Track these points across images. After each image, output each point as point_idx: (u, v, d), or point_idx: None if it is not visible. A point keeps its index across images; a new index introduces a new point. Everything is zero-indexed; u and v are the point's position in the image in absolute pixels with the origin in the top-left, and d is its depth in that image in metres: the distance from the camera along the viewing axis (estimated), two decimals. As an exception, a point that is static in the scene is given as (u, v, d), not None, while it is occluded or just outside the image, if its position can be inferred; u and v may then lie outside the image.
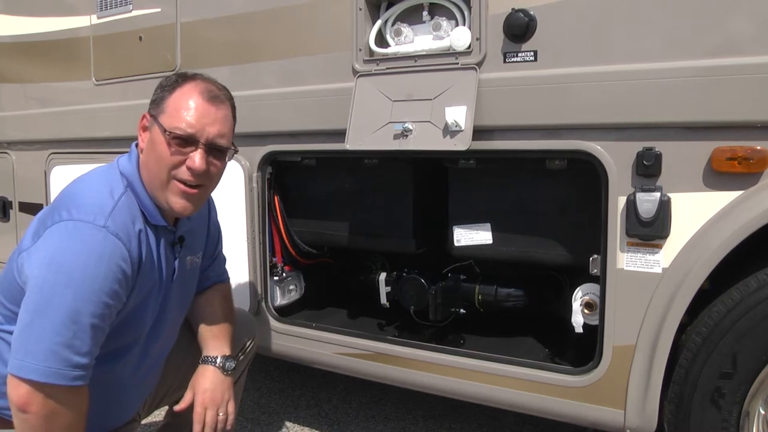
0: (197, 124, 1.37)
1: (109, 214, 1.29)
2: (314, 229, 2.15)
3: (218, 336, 1.64)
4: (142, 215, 1.39)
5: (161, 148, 1.36)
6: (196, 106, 1.38)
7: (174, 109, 1.37)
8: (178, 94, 1.39)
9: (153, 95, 1.44)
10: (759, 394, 1.43)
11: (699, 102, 1.40)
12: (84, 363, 1.24)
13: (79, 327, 1.22)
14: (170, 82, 1.42)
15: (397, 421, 2.37)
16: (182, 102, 1.38)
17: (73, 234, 1.26)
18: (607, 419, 1.58)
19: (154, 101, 1.42)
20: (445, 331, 2.00)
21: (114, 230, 1.28)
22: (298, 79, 1.97)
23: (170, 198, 1.40)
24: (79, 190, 1.36)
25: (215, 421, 1.54)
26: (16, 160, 2.96)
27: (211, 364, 1.58)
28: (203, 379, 1.57)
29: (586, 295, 1.67)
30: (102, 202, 1.31)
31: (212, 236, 1.72)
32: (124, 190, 1.37)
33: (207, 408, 1.53)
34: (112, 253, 1.26)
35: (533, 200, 1.78)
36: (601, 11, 1.50)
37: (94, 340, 1.25)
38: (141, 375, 1.52)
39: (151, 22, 2.32)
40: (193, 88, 1.40)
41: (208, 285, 1.73)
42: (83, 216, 1.27)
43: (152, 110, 1.41)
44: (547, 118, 1.57)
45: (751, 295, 1.40)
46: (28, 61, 2.85)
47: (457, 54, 1.68)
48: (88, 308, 1.22)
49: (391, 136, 1.74)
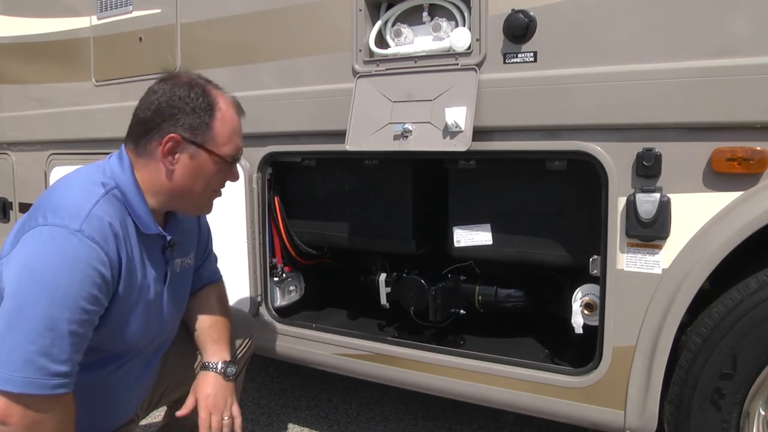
0: (240, 142, 1.47)
1: (85, 218, 1.25)
2: (314, 229, 2.16)
3: (217, 340, 1.64)
4: (131, 221, 1.37)
5: (212, 174, 1.42)
6: (239, 127, 1.46)
7: (225, 136, 1.41)
8: (222, 119, 1.41)
9: (172, 111, 1.36)
10: (759, 394, 1.43)
11: (699, 103, 1.40)
12: (64, 371, 1.20)
13: (56, 334, 1.18)
14: (202, 104, 1.38)
15: (397, 422, 2.37)
16: (229, 128, 1.42)
17: (47, 239, 1.22)
18: (607, 420, 1.58)
19: (191, 126, 1.36)
20: (445, 332, 2.00)
21: (89, 234, 1.24)
22: (298, 80, 1.97)
23: (204, 209, 1.53)
24: (56, 194, 1.33)
25: (221, 425, 1.54)
26: (17, 161, 2.96)
27: (212, 371, 1.58)
28: (205, 385, 1.57)
29: (586, 295, 1.67)
30: (78, 205, 1.27)
31: (203, 234, 1.72)
32: (105, 192, 1.33)
33: (211, 413, 1.53)
34: (87, 257, 1.22)
35: (533, 201, 1.78)
36: (601, 12, 1.50)
37: (73, 347, 1.21)
38: (138, 377, 1.51)
39: (151, 22, 2.32)
40: (226, 106, 1.43)
41: (201, 285, 1.73)
42: (58, 220, 1.24)
43: (189, 135, 1.37)
44: (547, 119, 1.57)
45: (751, 296, 1.39)
46: (28, 61, 2.85)
47: (457, 55, 1.68)
48: (64, 314, 1.18)
49: (391, 137, 1.74)
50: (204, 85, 1.42)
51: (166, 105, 1.37)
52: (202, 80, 1.43)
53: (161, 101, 1.37)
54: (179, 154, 1.38)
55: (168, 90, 1.38)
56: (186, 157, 1.39)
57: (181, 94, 1.37)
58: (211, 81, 1.47)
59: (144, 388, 1.59)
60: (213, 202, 1.53)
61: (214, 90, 1.43)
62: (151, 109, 1.38)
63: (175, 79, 1.41)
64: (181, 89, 1.38)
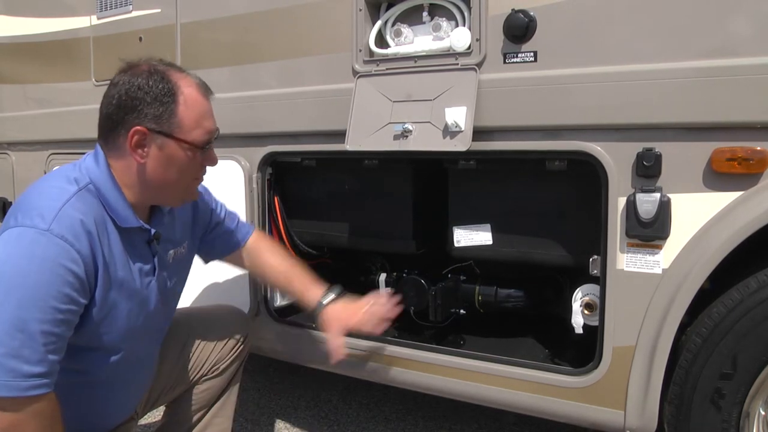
0: (211, 124, 1.42)
1: (54, 217, 1.23)
2: (314, 229, 2.15)
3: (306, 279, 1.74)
4: (109, 217, 1.35)
5: (186, 162, 1.38)
6: (205, 108, 1.40)
7: (192, 121, 1.36)
8: (186, 103, 1.35)
9: (133, 103, 1.33)
10: (759, 394, 1.43)
11: (699, 103, 1.40)
12: (38, 371, 1.17)
13: (26, 335, 1.16)
14: (163, 90, 1.34)
15: (397, 422, 2.37)
16: (195, 111, 1.37)
17: (15, 241, 1.21)
18: (607, 420, 1.58)
19: (155, 115, 1.33)
20: (445, 332, 2.00)
21: (59, 232, 1.22)
22: (298, 80, 1.97)
23: (187, 197, 1.49)
24: (29, 195, 1.32)
25: (380, 316, 1.67)
26: (16, 161, 2.96)
27: (333, 302, 1.69)
28: (345, 315, 1.66)
29: (586, 295, 1.67)
30: (48, 204, 1.26)
31: (200, 218, 1.69)
32: (78, 190, 1.31)
33: (368, 322, 1.66)
34: (56, 255, 1.21)
35: (533, 201, 1.78)
36: (601, 12, 1.50)
37: (47, 347, 1.18)
38: (134, 373, 1.51)
39: (151, 22, 2.32)
40: (190, 88, 1.37)
41: (243, 243, 1.77)
42: (27, 221, 1.23)
43: (154, 126, 1.33)
44: (547, 119, 1.57)
45: (751, 296, 1.39)
46: (28, 61, 2.85)
47: (457, 55, 1.68)
48: (34, 315, 1.16)
49: (391, 137, 1.74)
50: (164, 71, 1.36)
51: (126, 97, 1.33)
52: (163, 66, 1.38)
53: (121, 93, 1.34)
54: (147, 146, 1.34)
55: (127, 81, 1.34)
56: (155, 149, 1.35)
57: (140, 83, 1.33)
58: (174, 64, 1.43)
59: (142, 385, 1.59)
60: (196, 189, 1.50)
61: (175, 74, 1.37)
62: (113, 104, 1.35)
63: (134, 68, 1.37)
64: (140, 78, 1.33)
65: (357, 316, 1.66)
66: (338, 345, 1.65)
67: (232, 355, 1.81)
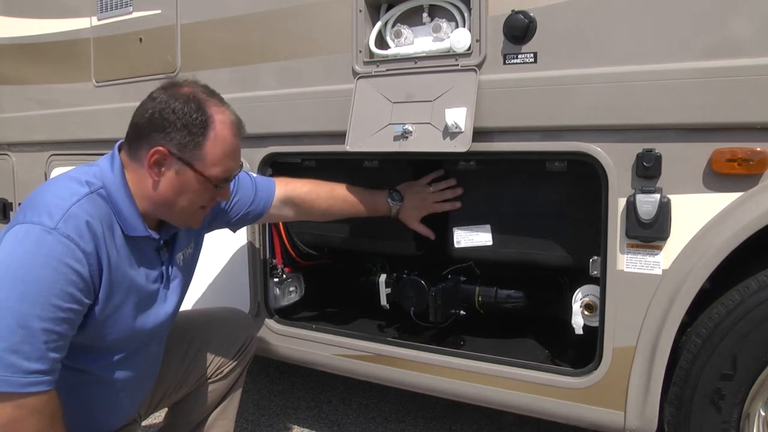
0: (235, 165, 1.44)
1: (62, 216, 1.24)
2: (314, 230, 2.15)
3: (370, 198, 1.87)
4: (116, 223, 1.36)
5: (198, 192, 1.39)
6: (234, 149, 1.41)
7: (215, 157, 1.37)
8: (215, 139, 1.36)
9: (164, 124, 1.33)
10: (759, 395, 1.43)
11: (699, 103, 1.40)
12: (39, 368, 1.17)
13: (28, 332, 1.16)
14: (196, 121, 1.34)
15: (397, 423, 2.37)
16: (221, 149, 1.37)
17: (23, 237, 1.22)
18: (607, 421, 1.58)
19: (181, 142, 1.34)
20: (445, 333, 2.00)
21: (65, 231, 1.23)
22: (298, 81, 1.97)
23: (191, 222, 1.48)
24: (39, 193, 1.32)
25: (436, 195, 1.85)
26: (17, 162, 2.96)
27: (402, 202, 1.88)
28: (413, 207, 1.87)
29: (586, 296, 1.67)
30: (57, 203, 1.27)
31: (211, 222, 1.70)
32: (89, 192, 1.32)
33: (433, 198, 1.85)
34: (61, 254, 1.22)
35: (533, 202, 1.78)
36: (601, 13, 1.50)
37: (48, 344, 1.19)
38: (136, 376, 1.51)
39: (152, 23, 2.32)
40: (224, 127, 1.37)
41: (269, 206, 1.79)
42: (35, 218, 1.24)
43: (176, 150, 1.34)
44: (547, 120, 1.57)
45: (751, 297, 1.39)
46: (28, 62, 2.85)
47: (457, 56, 1.68)
48: (36, 311, 1.17)
49: (391, 138, 1.74)
50: (203, 100, 1.37)
51: (159, 116, 1.34)
52: (204, 94, 1.39)
53: (155, 110, 1.34)
54: (165, 167, 1.36)
55: (165, 100, 1.35)
56: (172, 173, 1.36)
57: (175, 107, 1.34)
58: (217, 94, 1.42)
59: (145, 387, 1.59)
60: (201, 218, 1.49)
61: (214, 106, 1.38)
62: (146, 117, 1.35)
63: (175, 88, 1.38)
64: (178, 102, 1.34)
65: (428, 204, 1.86)
66: (425, 231, 1.88)
67: (237, 358, 1.81)
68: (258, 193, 1.77)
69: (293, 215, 1.85)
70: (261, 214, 1.78)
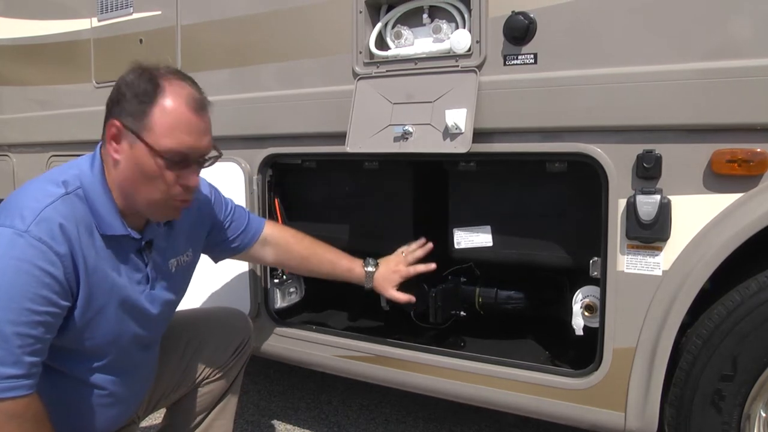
0: (191, 140, 1.31)
1: (34, 219, 1.21)
2: (314, 231, 2.14)
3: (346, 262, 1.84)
4: (94, 224, 1.33)
5: (151, 170, 1.30)
6: (188, 121, 1.30)
7: (163, 127, 1.29)
8: (163, 108, 1.29)
9: (118, 96, 1.31)
10: (760, 396, 1.43)
11: (699, 104, 1.40)
12: (14, 373, 1.15)
13: (1, 337, 1.14)
14: (146, 89, 1.30)
15: (397, 424, 2.37)
16: (171, 118, 1.29)
17: None
18: (607, 422, 1.58)
19: (131, 113, 1.29)
20: (445, 334, 2.00)
21: (37, 234, 1.20)
22: (298, 82, 1.97)
23: (166, 215, 1.41)
24: (14, 196, 1.30)
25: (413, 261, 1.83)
26: (17, 163, 2.96)
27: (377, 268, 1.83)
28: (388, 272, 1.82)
29: (586, 297, 1.67)
30: (30, 205, 1.24)
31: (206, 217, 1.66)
32: (65, 193, 1.29)
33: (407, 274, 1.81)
34: (33, 257, 1.19)
35: (533, 203, 1.78)
36: (601, 14, 1.51)
37: (24, 348, 1.16)
38: (129, 378, 1.49)
39: (152, 24, 2.32)
40: (177, 98, 1.30)
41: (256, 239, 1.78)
42: (7, 222, 1.22)
43: (128, 122, 1.30)
44: (547, 121, 1.57)
45: (751, 298, 1.39)
46: (28, 63, 2.85)
47: (457, 57, 1.68)
48: (8, 316, 1.15)
49: (391, 139, 1.74)
50: (158, 74, 1.32)
51: (115, 90, 1.33)
52: (164, 71, 1.34)
53: (114, 88, 1.35)
54: (120, 141, 1.32)
55: (123, 76, 1.34)
56: (127, 146, 1.31)
57: (128, 79, 1.32)
58: (181, 73, 1.38)
59: (139, 389, 1.57)
60: (177, 209, 1.40)
61: (169, 80, 1.32)
62: (108, 97, 1.36)
63: (134, 67, 1.35)
64: (131, 75, 1.32)
65: (401, 269, 1.81)
66: (402, 297, 1.81)
67: (234, 358, 1.81)
68: (250, 224, 1.78)
69: (272, 258, 1.84)
70: (247, 245, 1.77)
